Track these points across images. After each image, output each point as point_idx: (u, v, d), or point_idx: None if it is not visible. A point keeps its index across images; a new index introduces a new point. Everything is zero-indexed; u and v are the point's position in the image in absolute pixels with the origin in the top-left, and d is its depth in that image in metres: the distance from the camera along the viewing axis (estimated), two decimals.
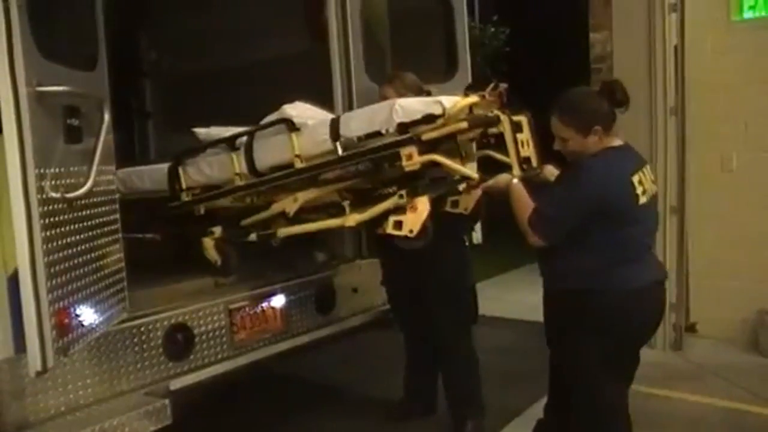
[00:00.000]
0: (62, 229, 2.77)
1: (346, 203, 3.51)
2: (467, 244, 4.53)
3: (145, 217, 4.28)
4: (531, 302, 7.21)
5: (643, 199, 3.02)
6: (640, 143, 5.45)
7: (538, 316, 6.48)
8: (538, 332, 6.29)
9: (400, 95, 3.83)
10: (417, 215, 3.23)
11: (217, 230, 4.02)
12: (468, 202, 3.79)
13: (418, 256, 3.59)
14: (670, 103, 5.38)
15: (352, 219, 3.43)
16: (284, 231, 3.77)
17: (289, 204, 3.66)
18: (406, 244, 3.29)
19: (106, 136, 3.03)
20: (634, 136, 5.48)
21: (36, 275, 2.55)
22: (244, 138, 3.82)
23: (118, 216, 3.29)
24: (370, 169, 3.49)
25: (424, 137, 3.21)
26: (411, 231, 3.23)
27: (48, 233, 2.64)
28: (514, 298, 7.49)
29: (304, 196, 3.63)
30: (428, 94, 4.06)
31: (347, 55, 4.52)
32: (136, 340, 3.48)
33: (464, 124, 3.17)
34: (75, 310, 2.82)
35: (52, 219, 2.69)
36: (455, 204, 3.79)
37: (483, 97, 3.25)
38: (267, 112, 5.42)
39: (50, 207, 2.68)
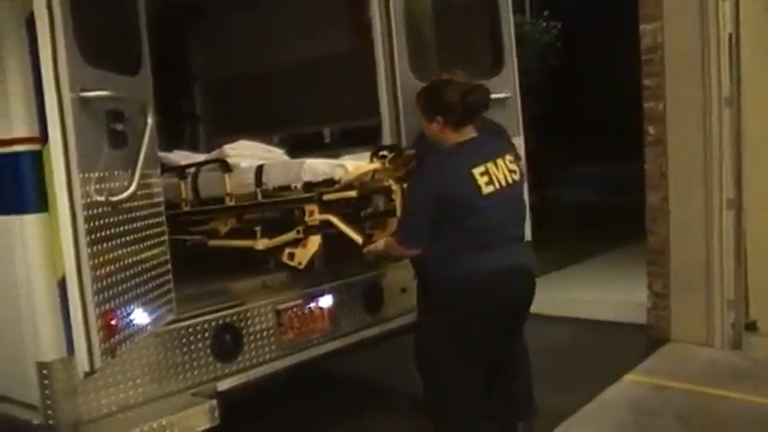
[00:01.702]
0: (108, 232, 2.82)
1: (258, 229, 4.01)
2: None
3: None
4: (585, 300, 7.21)
5: (488, 189, 3.13)
6: (692, 136, 5.34)
7: (592, 314, 6.57)
8: (591, 331, 6.32)
9: None
10: (306, 251, 3.82)
11: None
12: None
13: None
14: (724, 93, 5.21)
15: (262, 243, 3.96)
16: (213, 243, 4.26)
17: (221, 226, 4.25)
18: None
19: (149, 140, 3.06)
20: (686, 129, 5.40)
21: (82, 278, 2.60)
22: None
23: (163, 219, 3.33)
24: (283, 214, 4.04)
25: (325, 198, 3.73)
26: (300, 263, 3.84)
27: (93, 236, 2.69)
28: (568, 295, 7.35)
29: (231, 223, 4.24)
30: None
31: (391, 53, 4.47)
32: (184, 341, 3.52)
33: (353, 193, 3.70)
34: (122, 312, 2.87)
35: (97, 222, 2.74)
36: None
37: (384, 164, 3.75)
38: (312, 114, 5.50)
39: (95, 211, 2.73)
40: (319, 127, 5.38)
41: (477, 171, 3.14)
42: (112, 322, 2.75)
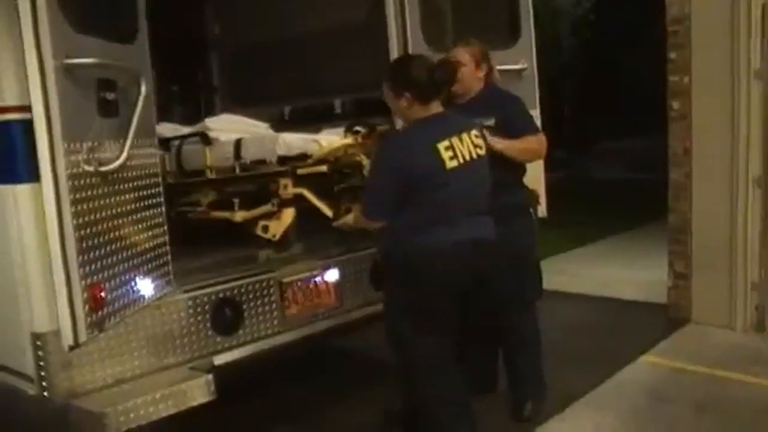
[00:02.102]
0: (98, 202, 2.77)
1: (236, 201, 4.08)
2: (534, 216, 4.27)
3: None
4: (605, 278, 7.08)
5: (452, 164, 3.17)
6: (718, 110, 5.14)
7: (612, 292, 6.44)
8: (610, 310, 6.19)
9: (477, 62, 3.92)
10: (280, 223, 3.88)
11: None
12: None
13: None
14: (754, 66, 4.99)
15: (240, 215, 4.02)
16: (195, 215, 4.34)
17: (203, 198, 4.34)
18: None
19: (144, 109, 2.99)
20: (711, 103, 5.20)
21: (65, 249, 2.56)
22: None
23: (160, 189, 3.27)
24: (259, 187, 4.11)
25: (299, 172, 3.83)
26: (274, 235, 3.90)
27: (80, 207, 2.63)
28: (587, 272, 7.24)
29: (212, 195, 4.34)
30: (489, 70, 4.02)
31: (404, 22, 4.36)
32: (183, 314, 3.47)
33: (324, 168, 3.82)
34: (112, 284, 2.82)
35: (85, 193, 2.68)
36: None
37: (356, 139, 3.87)
38: (325, 85, 5.40)
39: (83, 181, 2.67)
40: (330, 98, 5.28)
41: (442, 145, 3.18)
42: (101, 295, 2.70)
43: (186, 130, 4.49)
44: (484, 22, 4.67)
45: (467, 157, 3.24)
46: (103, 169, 2.76)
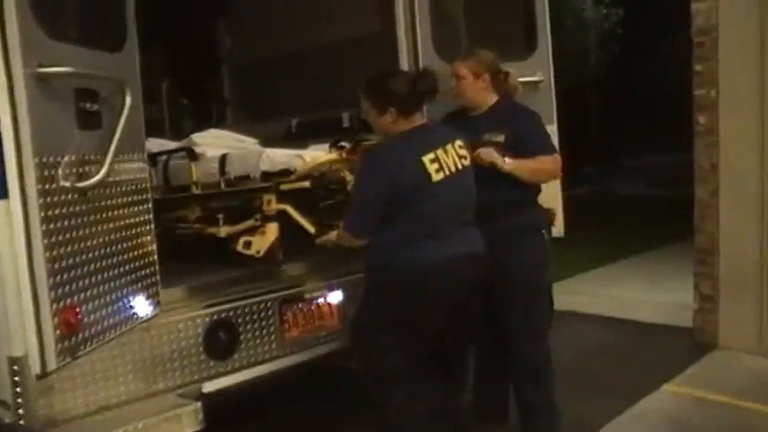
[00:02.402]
0: (75, 220, 2.60)
1: (220, 216, 3.94)
2: (547, 237, 4.00)
3: None
4: (626, 299, 6.80)
5: (438, 176, 3.12)
6: (747, 125, 4.89)
7: (634, 314, 6.16)
8: (631, 333, 5.93)
9: (475, 74, 3.72)
10: (264, 238, 3.72)
11: None
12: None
13: (491, 248, 3.40)
14: None
15: (224, 230, 3.89)
16: (182, 230, 4.20)
17: (190, 213, 4.21)
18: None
19: (130, 121, 2.83)
20: (739, 118, 4.94)
21: (34, 270, 2.39)
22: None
23: (149, 206, 3.10)
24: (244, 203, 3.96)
25: (282, 187, 3.73)
26: (258, 251, 3.74)
27: (53, 225, 2.46)
28: (608, 293, 6.97)
29: (198, 211, 4.19)
30: (506, 75, 3.84)
31: (414, 32, 4.21)
32: (173, 337, 3.31)
33: (307, 183, 3.73)
34: (89, 306, 2.64)
35: (60, 210, 2.51)
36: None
37: (341, 155, 3.81)
38: (334, 98, 5.25)
39: (58, 197, 2.50)
40: (339, 111, 5.11)
41: (427, 158, 3.12)
42: (74, 320, 2.52)
43: (174, 145, 4.41)
44: (499, 33, 4.47)
45: (453, 169, 3.18)
46: (81, 184, 2.59)
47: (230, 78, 6.52)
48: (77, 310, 2.55)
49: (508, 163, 3.52)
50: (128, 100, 2.80)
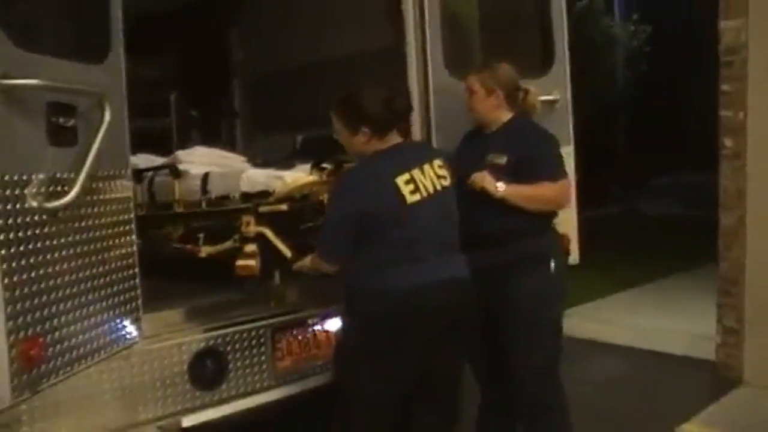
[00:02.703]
0: (43, 243, 2.42)
1: (200, 236, 3.86)
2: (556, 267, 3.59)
3: None
4: (647, 327, 6.50)
5: (413, 198, 2.95)
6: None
7: (654, 344, 5.87)
8: (651, 365, 5.65)
9: (488, 90, 3.46)
10: (256, 263, 3.54)
11: None
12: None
13: (491, 279, 3.21)
14: None
15: (205, 251, 3.79)
16: (165, 249, 4.08)
17: (174, 231, 4.12)
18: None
19: (110, 137, 2.66)
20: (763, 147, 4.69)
21: None
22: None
23: (131, 227, 2.92)
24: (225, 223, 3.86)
25: (260, 209, 3.61)
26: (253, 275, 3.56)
27: (12, 250, 2.29)
28: (628, 321, 6.67)
29: (181, 230, 4.10)
30: (525, 92, 3.64)
31: (423, 47, 4.02)
32: (156, 365, 3.13)
33: (284, 206, 3.60)
34: (55, 336, 2.46)
35: (23, 233, 2.34)
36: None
37: (322, 176, 3.68)
38: None
39: (21, 219, 2.33)
40: None
41: (401, 179, 2.95)
42: (35, 351, 2.34)
43: (161, 161, 4.32)
44: (514, 48, 4.27)
45: (430, 190, 3.00)
46: (51, 205, 2.42)
47: (241, 91, 6.38)
48: (40, 341, 2.37)
49: (500, 189, 3.26)
50: (107, 114, 2.62)
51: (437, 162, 3.09)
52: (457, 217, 3.14)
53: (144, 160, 4.28)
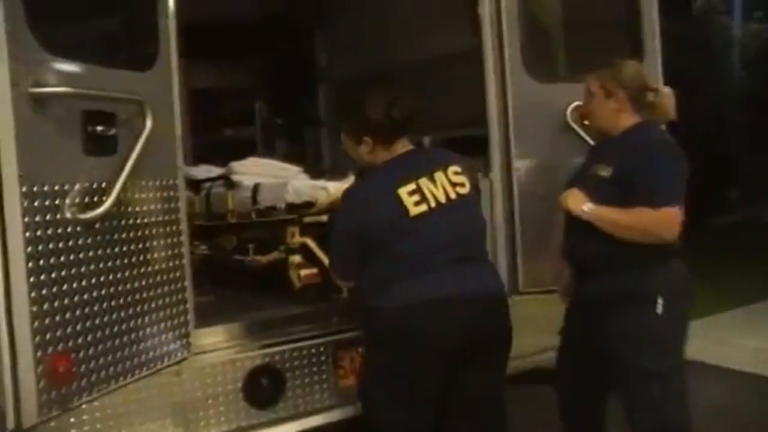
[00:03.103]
0: (77, 256, 2.36)
1: (251, 246, 3.93)
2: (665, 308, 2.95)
3: None
4: (763, 349, 5.92)
5: (419, 209, 2.77)
6: None
7: (764, 368, 5.32)
8: (760, 392, 5.12)
9: (607, 92, 3.00)
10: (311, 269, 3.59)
11: None
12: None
13: (595, 314, 2.92)
14: None
15: (266, 259, 3.79)
16: (217, 259, 4.22)
17: (227, 242, 4.20)
18: None
19: (155, 145, 2.59)
20: None
21: (13, 313, 2.14)
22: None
23: (181, 238, 2.84)
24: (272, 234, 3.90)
25: (305, 220, 3.63)
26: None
27: (44, 262, 2.22)
28: (739, 341, 6.12)
29: (234, 241, 4.19)
30: (655, 91, 3.09)
31: (501, 49, 3.82)
32: (208, 381, 3.01)
33: (325, 217, 3.55)
34: (89, 352, 2.39)
35: (54, 245, 2.27)
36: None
37: None
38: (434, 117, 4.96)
39: (52, 230, 2.27)
40: (419, 136, 4.77)
41: (404, 190, 2.78)
42: (64, 368, 2.26)
43: (216, 170, 4.40)
44: (600, 47, 3.95)
45: (441, 199, 2.80)
46: (83, 216, 2.35)
47: (326, 98, 6.32)
48: (70, 357, 2.29)
49: (587, 211, 2.86)
50: (149, 122, 2.55)
51: (453, 168, 2.87)
52: (480, 226, 2.98)
53: (203, 171, 4.33)
